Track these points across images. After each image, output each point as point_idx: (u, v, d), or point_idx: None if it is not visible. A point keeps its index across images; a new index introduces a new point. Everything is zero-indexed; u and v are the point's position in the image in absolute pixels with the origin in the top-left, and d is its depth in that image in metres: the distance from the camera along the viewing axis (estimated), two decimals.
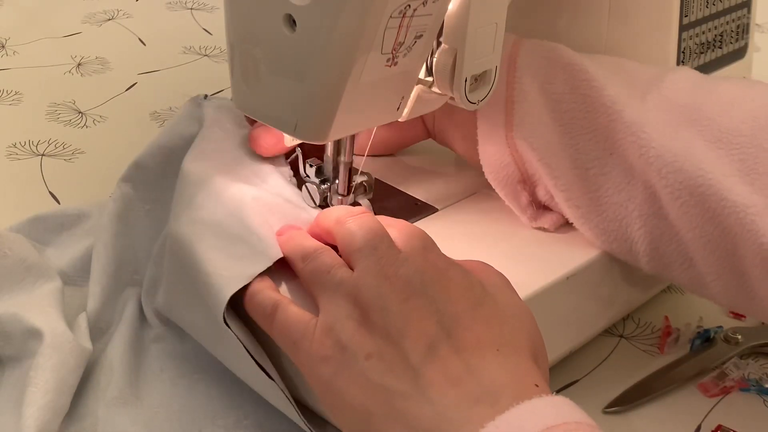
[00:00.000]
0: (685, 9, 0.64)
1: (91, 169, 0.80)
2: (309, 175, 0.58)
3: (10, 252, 0.59)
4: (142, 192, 0.62)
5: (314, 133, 0.50)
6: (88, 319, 0.58)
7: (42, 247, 0.65)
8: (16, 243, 0.60)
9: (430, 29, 0.50)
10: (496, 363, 0.44)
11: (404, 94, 0.53)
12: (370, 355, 0.45)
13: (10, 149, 0.82)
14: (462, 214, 0.62)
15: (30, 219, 0.67)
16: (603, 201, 0.57)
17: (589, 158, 0.57)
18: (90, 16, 1.12)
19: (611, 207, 0.57)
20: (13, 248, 0.59)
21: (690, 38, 0.65)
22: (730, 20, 0.69)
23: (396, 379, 0.44)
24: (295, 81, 0.49)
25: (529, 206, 0.61)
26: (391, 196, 0.63)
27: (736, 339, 0.63)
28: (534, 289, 0.54)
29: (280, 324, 0.49)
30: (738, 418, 0.57)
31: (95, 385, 0.56)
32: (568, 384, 0.60)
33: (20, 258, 0.59)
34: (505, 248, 0.59)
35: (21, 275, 0.58)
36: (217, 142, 0.58)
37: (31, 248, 0.61)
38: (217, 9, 1.16)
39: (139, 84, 0.96)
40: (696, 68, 0.66)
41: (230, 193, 0.55)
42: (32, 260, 0.59)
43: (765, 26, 1.15)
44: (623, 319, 0.65)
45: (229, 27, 0.51)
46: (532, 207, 0.61)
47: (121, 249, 0.61)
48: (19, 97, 0.92)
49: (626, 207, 0.56)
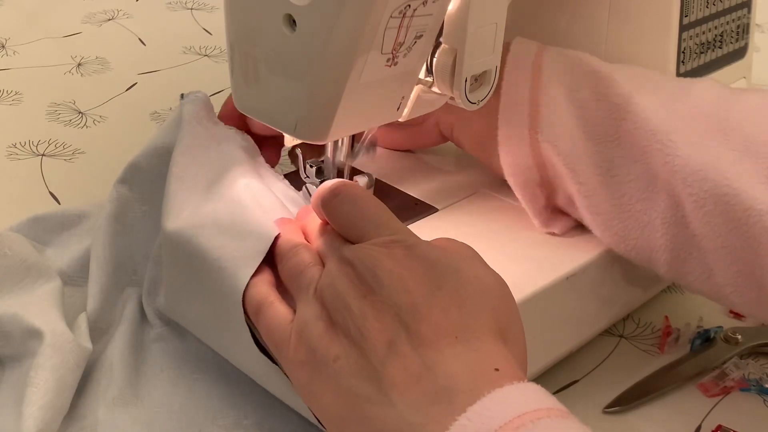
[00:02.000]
0: (685, 9, 0.64)
1: (91, 169, 0.80)
2: (309, 175, 0.58)
3: (10, 252, 0.59)
4: (139, 193, 0.62)
5: (314, 133, 0.50)
6: (88, 319, 0.58)
7: (42, 247, 0.65)
8: (16, 243, 0.60)
9: (430, 29, 0.50)
10: (453, 355, 0.42)
11: (404, 94, 0.53)
12: (337, 357, 0.44)
13: (10, 149, 0.82)
14: (462, 214, 0.62)
15: (30, 219, 0.67)
16: (626, 208, 0.57)
17: (614, 165, 0.57)
18: (90, 16, 1.12)
19: (634, 214, 0.56)
20: (13, 248, 0.59)
21: (690, 38, 0.65)
22: (730, 20, 0.69)
23: (361, 381, 0.42)
24: (295, 81, 0.49)
25: (544, 210, 0.61)
26: (391, 196, 0.63)
27: (736, 339, 0.63)
28: (534, 289, 0.54)
29: (264, 327, 0.48)
30: (738, 418, 0.57)
31: (95, 385, 0.56)
32: (568, 384, 0.60)
33: (20, 258, 0.59)
34: (505, 248, 0.59)
35: (21, 275, 0.58)
36: (198, 139, 0.58)
37: (31, 248, 0.61)
38: (217, 9, 1.16)
39: (139, 84, 0.96)
40: (696, 68, 0.66)
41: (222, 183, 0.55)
42: (32, 260, 0.59)
43: (765, 26, 1.15)
44: (623, 319, 0.65)
45: (229, 27, 0.51)
46: (547, 211, 0.61)
47: (119, 249, 0.61)
48: (19, 97, 0.92)
49: (649, 215, 0.56)
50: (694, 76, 0.67)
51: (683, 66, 0.65)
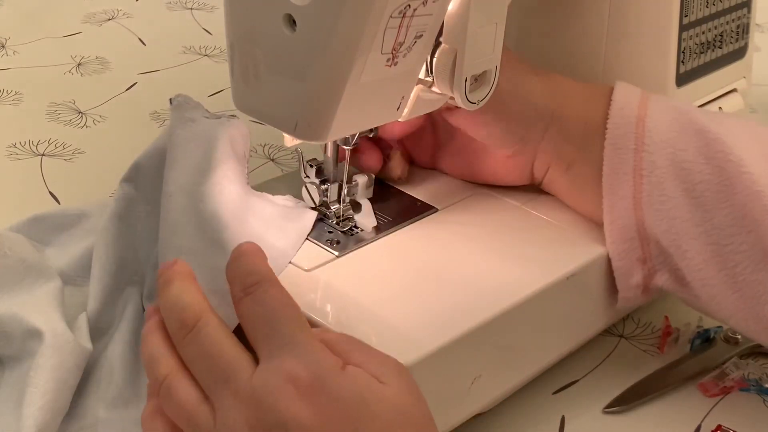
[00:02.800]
0: (685, 9, 0.64)
1: (91, 169, 0.80)
2: (309, 175, 0.58)
3: (10, 252, 0.59)
4: (142, 192, 0.62)
5: (314, 133, 0.50)
6: (88, 319, 0.58)
7: (42, 247, 0.65)
8: (16, 243, 0.60)
9: (430, 29, 0.50)
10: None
11: (404, 94, 0.53)
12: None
13: (10, 149, 0.82)
14: (462, 214, 0.62)
15: (30, 219, 0.67)
16: (740, 278, 0.54)
17: (725, 234, 0.54)
18: (90, 16, 1.12)
19: (749, 285, 0.54)
20: (13, 248, 0.59)
21: (690, 38, 0.65)
22: (730, 20, 0.69)
23: None
24: (295, 81, 0.49)
25: (635, 288, 0.59)
26: (391, 196, 0.63)
27: (736, 339, 0.63)
28: (534, 289, 0.54)
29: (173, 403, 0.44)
30: (738, 418, 0.57)
31: (95, 385, 0.56)
32: (568, 384, 0.60)
33: (20, 258, 0.59)
34: (505, 248, 0.59)
35: (21, 275, 0.58)
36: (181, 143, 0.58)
37: (31, 248, 0.61)
38: (217, 9, 1.16)
39: (139, 84, 0.96)
40: (696, 68, 0.66)
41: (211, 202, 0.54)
42: (32, 260, 0.59)
43: (765, 26, 1.15)
44: (623, 319, 0.65)
45: (229, 27, 0.51)
46: (637, 290, 0.59)
47: (122, 249, 0.61)
48: (19, 97, 0.92)
49: (765, 285, 0.53)
50: (694, 76, 0.67)
51: (683, 66, 0.65)
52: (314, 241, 0.57)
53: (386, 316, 0.51)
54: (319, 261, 0.56)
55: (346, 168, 0.58)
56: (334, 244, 0.57)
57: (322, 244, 0.57)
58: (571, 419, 0.57)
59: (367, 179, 0.61)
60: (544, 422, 0.57)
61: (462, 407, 0.53)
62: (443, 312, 0.52)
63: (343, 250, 0.57)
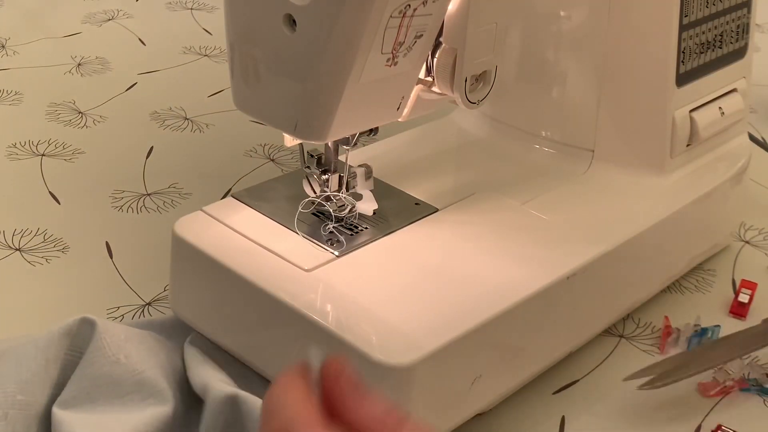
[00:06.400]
0: (685, 9, 0.64)
1: (91, 169, 0.80)
2: (310, 165, 0.58)
3: (125, 360, 0.52)
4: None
5: (314, 133, 0.50)
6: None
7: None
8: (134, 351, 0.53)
9: (430, 29, 0.50)
10: None
11: (404, 94, 0.53)
12: None
13: (10, 149, 0.82)
14: (462, 214, 0.62)
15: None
16: None
17: None
18: (90, 16, 1.12)
19: None
20: (130, 356, 0.52)
21: (690, 38, 0.65)
22: (730, 20, 0.69)
23: None
24: (295, 81, 0.49)
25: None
26: (391, 196, 0.63)
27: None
28: (534, 289, 0.54)
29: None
30: (738, 418, 0.57)
31: None
32: (568, 384, 0.60)
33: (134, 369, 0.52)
34: (505, 248, 0.59)
35: (128, 388, 0.51)
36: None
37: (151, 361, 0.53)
38: (217, 9, 1.16)
39: (139, 84, 0.96)
40: (696, 68, 0.66)
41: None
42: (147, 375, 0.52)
43: (765, 26, 1.15)
44: (623, 319, 0.65)
45: (229, 27, 0.51)
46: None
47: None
48: (19, 97, 0.92)
49: None
50: (694, 76, 0.67)
51: (683, 66, 0.65)
52: (314, 241, 0.57)
53: (386, 316, 0.51)
54: (319, 261, 0.56)
55: (347, 158, 0.58)
56: (334, 244, 0.57)
57: (322, 244, 0.57)
58: (571, 419, 0.57)
59: (364, 170, 0.60)
60: (544, 422, 0.57)
61: (462, 407, 0.53)
62: (443, 312, 0.52)
63: (343, 250, 0.57)
